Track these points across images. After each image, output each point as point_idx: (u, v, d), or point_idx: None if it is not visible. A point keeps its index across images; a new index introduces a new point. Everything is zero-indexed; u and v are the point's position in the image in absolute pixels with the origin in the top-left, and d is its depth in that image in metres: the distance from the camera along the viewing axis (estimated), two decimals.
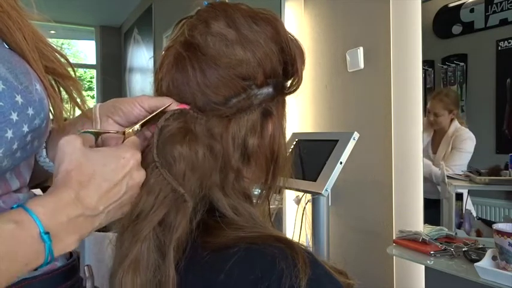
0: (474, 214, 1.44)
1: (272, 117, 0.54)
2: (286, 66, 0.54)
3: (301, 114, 2.12)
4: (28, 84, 0.48)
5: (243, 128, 0.51)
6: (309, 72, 2.04)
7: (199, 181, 0.48)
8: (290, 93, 0.56)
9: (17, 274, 0.38)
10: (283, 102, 0.57)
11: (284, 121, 0.57)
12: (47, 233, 0.39)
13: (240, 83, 0.50)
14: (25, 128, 0.48)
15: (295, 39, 0.55)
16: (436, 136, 1.61)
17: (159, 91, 0.55)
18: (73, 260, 0.60)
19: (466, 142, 1.53)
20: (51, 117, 0.55)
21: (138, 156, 0.47)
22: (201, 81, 0.49)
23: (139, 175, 0.47)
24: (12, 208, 0.40)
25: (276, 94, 0.53)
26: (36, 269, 0.40)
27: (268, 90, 0.52)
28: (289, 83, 0.56)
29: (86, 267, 0.63)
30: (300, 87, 0.57)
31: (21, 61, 0.50)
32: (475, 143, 1.49)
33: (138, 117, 0.56)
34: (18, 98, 0.46)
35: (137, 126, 0.52)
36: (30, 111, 0.48)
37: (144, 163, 0.48)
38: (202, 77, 0.49)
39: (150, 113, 0.53)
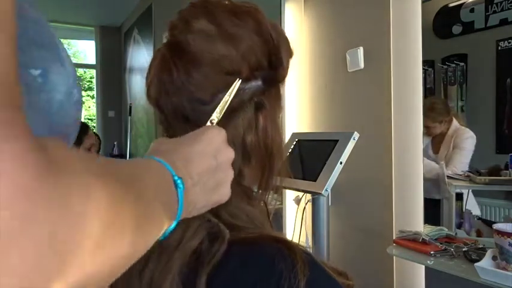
0: (479, 213, 1.44)
1: (264, 110, 0.52)
2: (270, 56, 0.52)
3: (301, 114, 2.12)
4: None
5: (240, 127, 0.51)
6: (309, 72, 2.04)
7: None
8: (279, 82, 0.55)
9: (163, 225, 0.36)
10: (277, 94, 0.55)
11: (278, 113, 0.55)
12: (180, 177, 0.38)
13: (225, 78, 0.49)
14: None
15: (279, 28, 0.54)
16: (437, 137, 1.61)
17: (149, 95, 0.54)
18: None
19: (467, 141, 1.52)
20: None
21: (224, 134, 0.45)
22: (185, 80, 0.48)
23: (229, 151, 0.45)
24: None
25: (266, 87, 0.52)
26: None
27: (256, 83, 0.51)
28: (278, 73, 0.54)
29: None
30: (300, 87, 0.56)
31: None
32: (475, 141, 1.49)
33: None
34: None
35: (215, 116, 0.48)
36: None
37: None
38: (186, 76, 0.48)
39: None
